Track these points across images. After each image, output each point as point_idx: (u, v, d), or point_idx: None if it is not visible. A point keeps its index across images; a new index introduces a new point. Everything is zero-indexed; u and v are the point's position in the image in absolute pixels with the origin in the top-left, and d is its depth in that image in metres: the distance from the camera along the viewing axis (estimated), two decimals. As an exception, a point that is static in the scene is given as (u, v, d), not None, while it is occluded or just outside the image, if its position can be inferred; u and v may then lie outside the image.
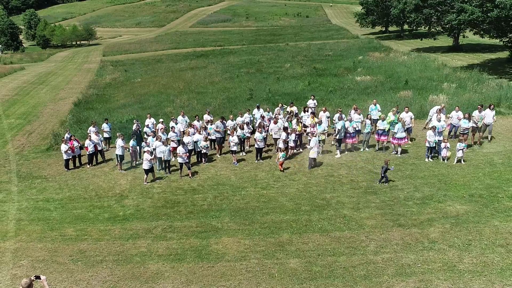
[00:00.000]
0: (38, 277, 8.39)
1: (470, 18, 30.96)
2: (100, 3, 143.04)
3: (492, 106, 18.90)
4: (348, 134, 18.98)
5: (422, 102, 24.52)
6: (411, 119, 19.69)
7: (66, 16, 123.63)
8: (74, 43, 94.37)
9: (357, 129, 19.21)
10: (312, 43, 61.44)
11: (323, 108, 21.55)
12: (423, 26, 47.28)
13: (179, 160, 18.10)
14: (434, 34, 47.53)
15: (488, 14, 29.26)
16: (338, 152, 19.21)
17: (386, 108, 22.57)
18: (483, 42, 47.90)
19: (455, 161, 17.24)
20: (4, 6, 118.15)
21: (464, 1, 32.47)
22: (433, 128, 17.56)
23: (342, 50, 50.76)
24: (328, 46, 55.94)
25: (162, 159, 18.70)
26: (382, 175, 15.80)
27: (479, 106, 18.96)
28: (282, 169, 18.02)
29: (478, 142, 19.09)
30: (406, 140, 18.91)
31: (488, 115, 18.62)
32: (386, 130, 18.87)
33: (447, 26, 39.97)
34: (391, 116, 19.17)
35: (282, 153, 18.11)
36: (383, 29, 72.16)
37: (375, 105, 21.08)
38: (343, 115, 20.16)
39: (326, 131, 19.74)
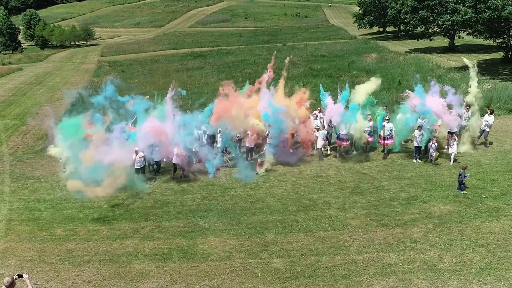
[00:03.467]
0: (20, 276, 8.57)
1: (463, 19, 31.12)
2: (99, 3, 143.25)
3: (490, 111, 18.95)
4: (340, 135, 19.01)
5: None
6: None
7: (65, 16, 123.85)
8: (73, 43, 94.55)
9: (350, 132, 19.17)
10: (309, 44, 61.66)
11: (318, 109, 21.57)
12: (419, 27, 47.44)
13: (173, 160, 18.21)
14: (430, 34, 47.70)
15: (481, 15, 29.41)
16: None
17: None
18: (479, 43, 48.02)
19: (451, 161, 17.39)
20: (3, 6, 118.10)
21: (457, 2, 32.61)
22: (419, 128, 17.73)
23: (338, 51, 50.92)
24: (325, 46, 56.12)
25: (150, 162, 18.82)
26: (459, 181, 14.94)
27: (466, 107, 19.10)
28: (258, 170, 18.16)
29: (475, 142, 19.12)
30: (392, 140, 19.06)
31: (488, 120, 18.69)
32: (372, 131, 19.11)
33: (443, 26, 40.10)
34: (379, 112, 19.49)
35: (259, 154, 18.36)
36: (381, 29, 72.34)
37: (369, 121, 20.99)
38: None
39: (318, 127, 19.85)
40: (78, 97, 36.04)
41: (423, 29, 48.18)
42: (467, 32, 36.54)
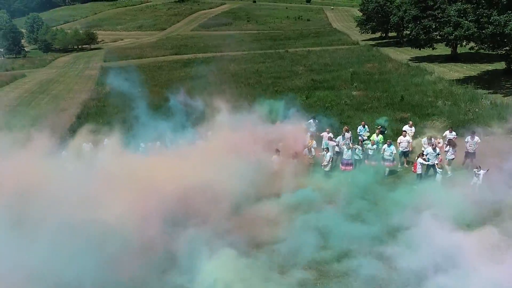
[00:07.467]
0: None
1: (466, 33, 31.31)
2: (102, 6, 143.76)
3: None
4: (344, 160, 19.00)
5: (417, 121, 24.59)
6: (409, 143, 19.89)
7: (68, 19, 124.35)
8: (75, 47, 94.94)
9: (356, 157, 19.27)
10: (311, 50, 61.76)
11: (327, 129, 21.48)
12: (421, 36, 47.45)
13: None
14: (433, 43, 47.58)
15: (483, 31, 29.59)
16: None
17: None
18: (482, 51, 48.08)
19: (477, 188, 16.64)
20: (6, 9, 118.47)
21: (460, 16, 32.75)
22: (421, 154, 17.91)
23: (341, 59, 51.13)
24: (328, 54, 56.29)
25: None
26: None
27: (471, 133, 19.08)
28: None
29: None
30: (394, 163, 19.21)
31: None
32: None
33: (445, 37, 40.17)
34: (375, 137, 19.67)
35: None
36: (383, 35, 72.47)
37: (363, 126, 21.40)
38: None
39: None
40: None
41: (425, 37, 48.14)
42: (470, 46, 36.70)
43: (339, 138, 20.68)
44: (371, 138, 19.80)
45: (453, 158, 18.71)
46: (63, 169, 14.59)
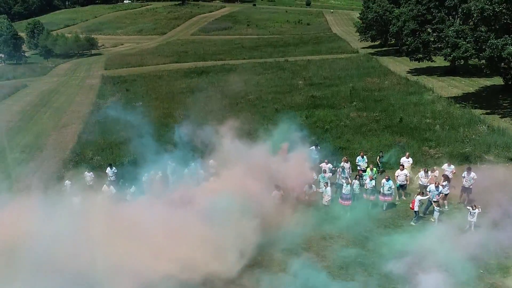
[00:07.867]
0: None
1: (464, 55, 31.67)
2: (102, 9, 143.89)
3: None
4: (343, 195, 19.16)
5: (415, 148, 24.95)
6: (406, 176, 20.20)
7: (68, 22, 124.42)
8: (76, 52, 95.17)
9: (355, 192, 19.56)
10: (311, 60, 62.00)
11: (325, 160, 21.61)
12: (420, 49, 47.71)
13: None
14: (431, 55, 47.78)
15: (481, 54, 29.94)
16: None
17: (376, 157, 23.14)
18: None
19: (472, 226, 17.24)
20: (6, 12, 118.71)
21: (458, 37, 33.08)
22: (421, 193, 18.26)
23: (340, 70, 51.42)
24: (327, 64, 56.58)
25: None
26: None
27: (467, 168, 19.42)
28: None
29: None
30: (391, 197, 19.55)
31: None
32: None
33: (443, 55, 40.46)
34: (369, 172, 20.06)
35: None
36: (383, 43, 72.69)
37: (362, 157, 21.77)
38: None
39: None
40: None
41: (425, 50, 48.34)
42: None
43: (339, 170, 21.04)
44: (367, 173, 20.13)
45: (448, 193, 19.11)
46: (49, 223, 14.53)
